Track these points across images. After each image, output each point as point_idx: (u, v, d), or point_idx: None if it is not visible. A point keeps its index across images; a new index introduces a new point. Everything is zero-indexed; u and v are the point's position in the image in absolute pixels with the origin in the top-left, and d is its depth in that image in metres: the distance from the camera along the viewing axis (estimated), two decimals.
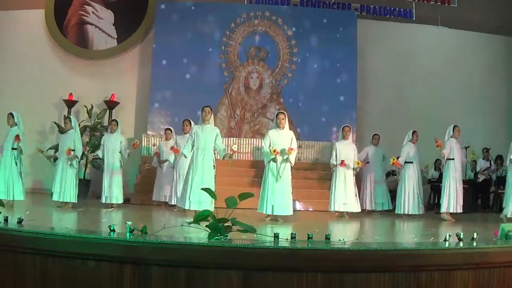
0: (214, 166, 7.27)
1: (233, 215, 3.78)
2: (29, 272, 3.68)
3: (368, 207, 9.42)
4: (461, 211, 8.31)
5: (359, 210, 8.55)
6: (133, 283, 3.50)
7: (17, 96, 11.13)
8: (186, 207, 7.08)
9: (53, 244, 3.66)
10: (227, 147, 8.22)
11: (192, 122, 8.80)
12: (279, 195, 7.28)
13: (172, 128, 9.71)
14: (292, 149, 7.27)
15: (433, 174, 11.13)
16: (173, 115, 11.14)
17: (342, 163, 8.41)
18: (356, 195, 8.54)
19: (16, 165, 7.96)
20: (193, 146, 7.24)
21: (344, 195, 8.39)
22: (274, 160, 7.30)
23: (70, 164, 8.17)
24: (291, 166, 7.47)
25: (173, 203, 8.63)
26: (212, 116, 7.46)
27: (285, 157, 7.29)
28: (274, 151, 7.19)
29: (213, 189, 7.05)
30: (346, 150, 8.56)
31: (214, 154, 7.36)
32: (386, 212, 9.55)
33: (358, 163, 8.54)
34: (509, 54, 12.16)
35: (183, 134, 8.85)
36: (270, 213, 7.27)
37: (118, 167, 8.63)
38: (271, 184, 7.32)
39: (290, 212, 7.40)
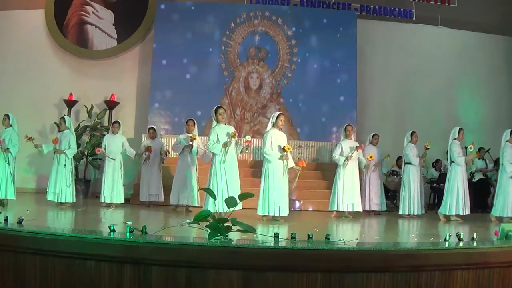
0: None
1: (233, 215, 3.78)
2: (29, 272, 3.67)
3: (367, 208, 9.39)
4: (469, 213, 8.19)
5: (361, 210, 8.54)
6: (133, 283, 3.50)
7: (17, 96, 11.13)
8: (212, 210, 6.76)
9: (53, 244, 3.66)
10: (240, 140, 8.00)
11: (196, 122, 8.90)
12: (279, 195, 7.25)
13: (154, 127, 9.72)
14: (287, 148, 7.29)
15: (433, 174, 11.11)
16: (173, 115, 11.16)
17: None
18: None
19: (8, 165, 7.98)
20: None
21: (352, 194, 8.33)
22: (282, 158, 7.29)
23: (65, 165, 8.24)
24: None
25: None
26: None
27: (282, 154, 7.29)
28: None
29: (239, 187, 7.04)
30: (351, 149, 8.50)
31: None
32: (385, 213, 9.51)
33: (371, 157, 8.63)
34: (509, 54, 12.16)
35: (186, 134, 8.85)
36: (267, 214, 7.26)
37: (119, 168, 8.78)
38: (272, 184, 7.28)
39: (286, 213, 7.38)
